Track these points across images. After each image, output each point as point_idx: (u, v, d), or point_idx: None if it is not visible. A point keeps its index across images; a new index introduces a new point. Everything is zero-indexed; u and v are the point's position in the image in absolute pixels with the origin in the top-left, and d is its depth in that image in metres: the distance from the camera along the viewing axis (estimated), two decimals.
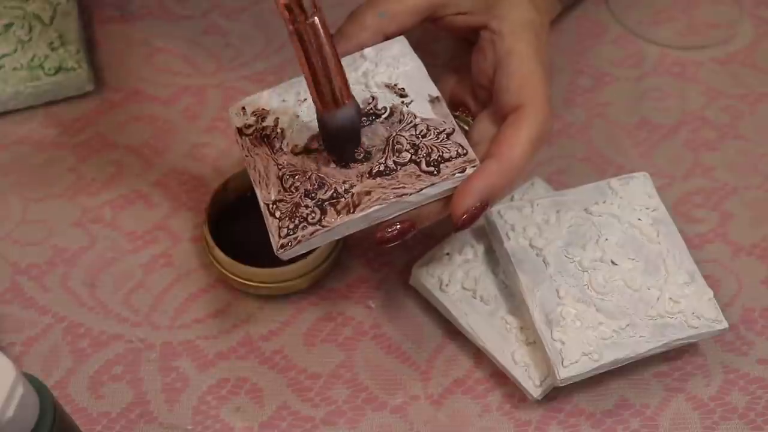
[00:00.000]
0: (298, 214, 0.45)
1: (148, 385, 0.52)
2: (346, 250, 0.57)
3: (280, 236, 0.45)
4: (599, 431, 0.51)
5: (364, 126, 0.47)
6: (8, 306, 0.55)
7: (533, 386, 0.50)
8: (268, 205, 0.46)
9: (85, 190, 0.59)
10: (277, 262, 0.53)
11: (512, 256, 0.51)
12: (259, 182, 0.47)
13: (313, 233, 0.45)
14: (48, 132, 0.62)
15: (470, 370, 0.53)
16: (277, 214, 0.45)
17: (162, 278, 0.56)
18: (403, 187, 0.45)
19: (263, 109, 0.49)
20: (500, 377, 0.52)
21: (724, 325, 0.50)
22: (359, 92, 0.48)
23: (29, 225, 0.58)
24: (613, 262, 0.51)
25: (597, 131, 0.63)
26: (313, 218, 0.45)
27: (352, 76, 0.48)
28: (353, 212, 0.45)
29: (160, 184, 0.60)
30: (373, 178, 0.45)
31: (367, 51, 0.49)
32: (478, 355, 0.53)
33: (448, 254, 0.54)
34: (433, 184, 0.45)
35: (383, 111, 0.47)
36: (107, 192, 0.59)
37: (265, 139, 0.48)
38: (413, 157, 0.46)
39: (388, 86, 0.48)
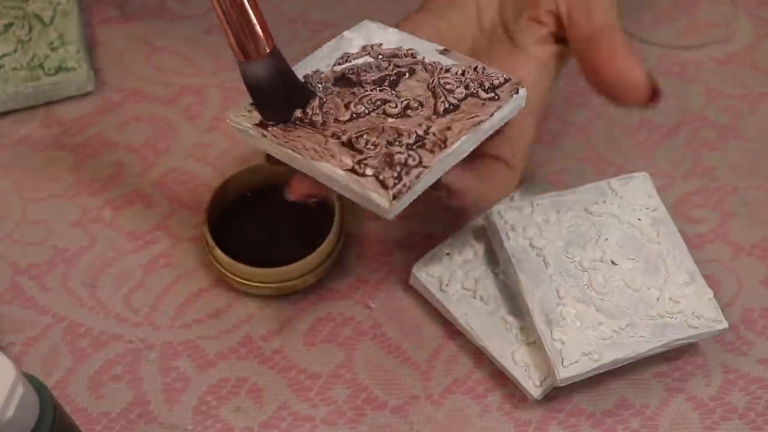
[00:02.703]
0: (396, 162, 0.43)
1: (148, 385, 0.52)
2: (346, 250, 0.57)
3: (387, 187, 0.42)
4: (599, 431, 0.51)
5: (359, 83, 0.46)
6: (8, 306, 0.55)
7: (533, 386, 0.50)
8: (348, 171, 0.43)
9: (85, 190, 0.59)
10: (277, 262, 0.53)
11: (512, 256, 0.51)
12: (321, 156, 0.43)
13: (418, 176, 0.43)
14: (48, 132, 0.62)
15: (470, 370, 0.53)
16: (369, 171, 0.43)
17: (162, 278, 0.56)
18: (477, 116, 0.44)
19: None
20: (500, 377, 0.52)
21: (724, 325, 0.50)
22: (366, 60, 0.48)
23: (29, 225, 0.58)
24: (613, 262, 0.51)
25: (597, 131, 0.63)
26: (414, 161, 0.43)
27: (337, 53, 0.48)
28: (446, 147, 0.44)
29: (160, 184, 0.60)
30: (443, 116, 0.45)
31: (347, 33, 0.49)
32: (478, 355, 0.53)
33: (448, 254, 0.54)
34: (500, 107, 0.45)
35: (405, 68, 0.47)
36: (107, 192, 0.59)
37: (304, 121, 0.45)
38: (467, 91, 0.46)
39: (394, 55, 0.48)
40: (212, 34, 0.67)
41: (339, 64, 0.48)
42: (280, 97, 0.45)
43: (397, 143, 0.43)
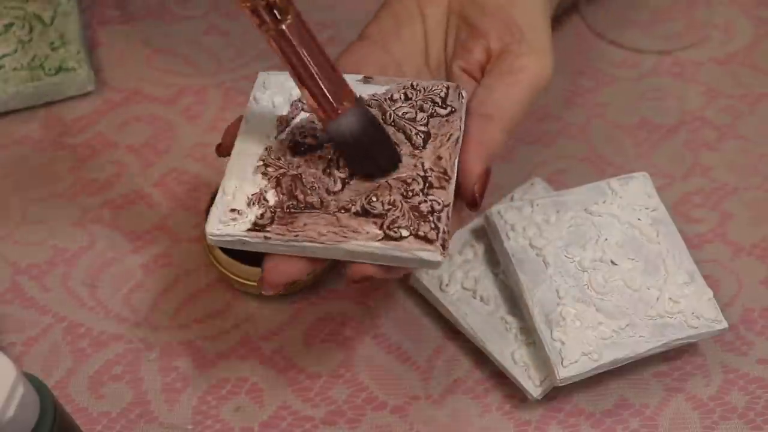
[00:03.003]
0: (425, 212, 0.41)
1: (148, 385, 0.52)
2: None
3: (432, 240, 0.40)
4: (599, 431, 0.51)
5: (319, 145, 0.44)
6: (8, 306, 0.55)
7: (533, 386, 0.50)
8: (382, 240, 0.40)
9: (85, 190, 0.59)
10: None
11: (512, 256, 0.51)
12: (345, 236, 0.41)
13: (448, 216, 0.42)
14: (48, 132, 0.62)
15: (470, 370, 0.53)
16: (404, 232, 0.40)
17: (162, 278, 0.56)
18: (451, 135, 0.43)
19: (254, 193, 0.42)
20: (500, 377, 0.52)
21: (724, 325, 0.50)
22: (303, 117, 0.45)
23: (29, 225, 0.58)
24: (612, 262, 0.51)
25: (597, 131, 0.63)
26: (438, 204, 0.42)
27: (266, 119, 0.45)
28: (450, 177, 0.42)
29: (160, 184, 0.60)
30: (424, 149, 0.43)
31: (257, 94, 0.46)
32: (478, 355, 0.53)
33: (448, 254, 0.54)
34: (461, 118, 0.44)
35: None
36: (107, 192, 0.59)
37: (299, 206, 0.42)
38: (425, 113, 0.44)
39: None
40: (212, 35, 0.67)
41: (281, 132, 0.44)
42: (377, 148, 0.42)
43: (411, 193, 0.42)
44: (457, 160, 0.43)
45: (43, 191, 0.59)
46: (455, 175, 0.43)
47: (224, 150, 0.45)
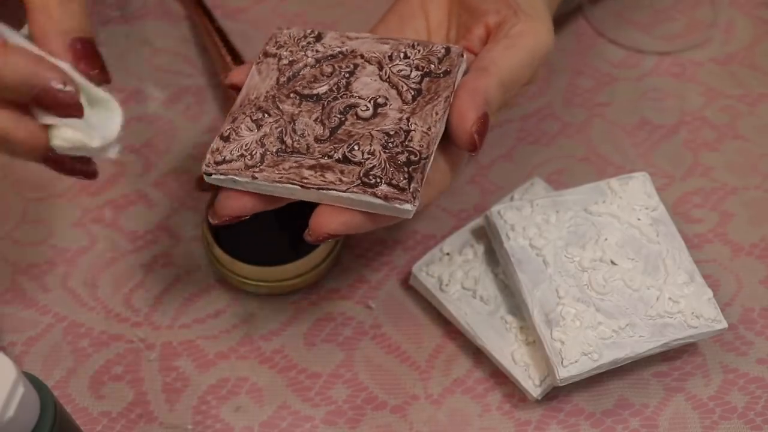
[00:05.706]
0: (401, 162, 0.42)
1: (148, 385, 0.52)
2: (346, 250, 0.57)
3: (405, 189, 0.41)
4: (599, 431, 0.51)
5: (316, 96, 0.45)
6: (8, 306, 0.55)
7: (533, 386, 0.50)
8: (358, 187, 0.42)
9: (85, 190, 0.59)
10: (277, 261, 0.53)
11: (512, 256, 0.51)
12: (324, 180, 0.42)
13: (424, 168, 0.42)
14: None
15: (470, 370, 0.53)
16: (380, 180, 0.42)
17: (162, 278, 0.56)
18: (441, 94, 0.44)
19: (248, 136, 0.45)
20: (500, 377, 0.52)
21: (724, 324, 0.50)
22: (308, 68, 0.47)
23: (29, 225, 0.58)
24: (612, 262, 0.51)
25: (597, 131, 0.63)
26: (416, 156, 0.43)
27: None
28: (433, 133, 0.43)
29: (160, 184, 0.60)
30: (413, 103, 0.44)
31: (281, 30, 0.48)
32: (478, 355, 0.53)
33: (448, 254, 0.54)
34: (455, 80, 0.45)
35: (349, 68, 0.46)
36: (107, 192, 0.59)
37: (287, 150, 0.44)
38: (420, 72, 0.45)
39: (331, 56, 0.47)
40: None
41: (284, 81, 0.46)
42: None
43: (391, 144, 0.43)
44: (444, 117, 0.44)
45: (43, 191, 0.59)
46: (440, 130, 0.44)
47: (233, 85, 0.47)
